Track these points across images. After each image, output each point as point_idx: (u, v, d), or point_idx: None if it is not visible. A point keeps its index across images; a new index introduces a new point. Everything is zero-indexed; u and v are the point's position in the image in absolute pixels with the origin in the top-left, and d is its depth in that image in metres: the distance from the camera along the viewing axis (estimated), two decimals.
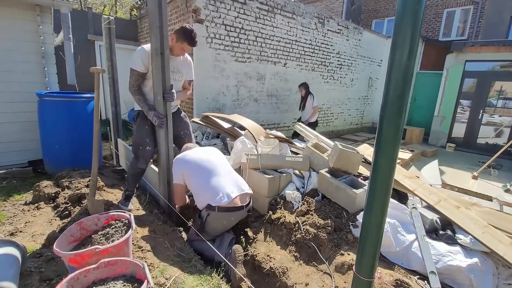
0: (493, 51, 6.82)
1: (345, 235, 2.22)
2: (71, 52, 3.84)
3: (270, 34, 5.74)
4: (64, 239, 1.67)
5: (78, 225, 1.80)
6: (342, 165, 2.69)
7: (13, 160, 3.50)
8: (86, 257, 1.53)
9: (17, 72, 3.44)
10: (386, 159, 0.92)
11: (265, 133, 3.55)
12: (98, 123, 2.19)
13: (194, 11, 4.64)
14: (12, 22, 3.35)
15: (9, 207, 2.61)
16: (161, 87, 2.27)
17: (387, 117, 0.89)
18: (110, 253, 1.56)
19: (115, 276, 1.55)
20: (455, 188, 4.06)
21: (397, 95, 0.86)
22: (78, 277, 1.43)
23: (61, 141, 3.27)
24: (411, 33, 0.81)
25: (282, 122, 6.59)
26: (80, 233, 1.80)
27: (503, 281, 1.86)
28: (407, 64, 0.83)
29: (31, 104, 3.41)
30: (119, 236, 1.75)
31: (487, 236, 1.95)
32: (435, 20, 10.85)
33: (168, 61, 2.26)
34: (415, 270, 1.98)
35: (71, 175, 3.02)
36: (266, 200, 2.63)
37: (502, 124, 6.98)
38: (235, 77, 5.44)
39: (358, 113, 9.03)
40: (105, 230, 1.80)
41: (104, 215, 1.90)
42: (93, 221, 1.86)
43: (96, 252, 1.53)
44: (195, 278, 1.82)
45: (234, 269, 1.94)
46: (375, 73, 9.08)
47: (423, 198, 2.41)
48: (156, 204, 2.77)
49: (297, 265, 2.05)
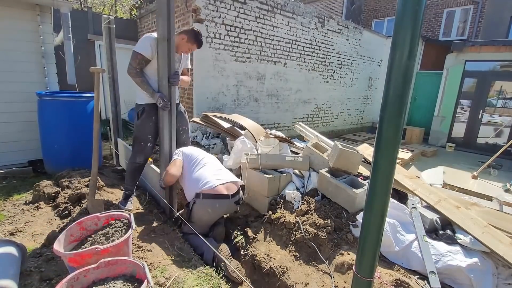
0: (493, 51, 6.82)
1: (345, 235, 2.22)
2: (71, 52, 3.84)
3: (270, 34, 5.74)
4: (64, 238, 1.67)
5: (78, 224, 1.80)
6: (342, 165, 2.69)
7: (13, 160, 3.50)
8: (86, 257, 1.53)
9: (17, 72, 3.44)
10: (386, 159, 0.92)
11: (265, 133, 3.54)
12: (98, 122, 2.19)
13: (194, 10, 4.63)
14: (12, 21, 3.35)
15: (9, 207, 2.62)
16: (166, 71, 2.30)
17: (387, 117, 0.89)
18: (110, 253, 1.56)
19: (115, 276, 1.55)
20: (455, 188, 4.06)
21: (397, 95, 0.86)
22: (78, 277, 1.43)
23: (61, 141, 3.27)
24: (411, 33, 0.81)
25: (282, 122, 6.58)
26: (80, 233, 1.80)
27: (503, 281, 1.86)
28: (407, 64, 0.83)
29: (31, 104, 3.41)
30: (119, 236, 1.75)
31: (487, 236, 1.95)
32: (435, 20, 10.84)
33: (174, 46, 2.30)
34: (415, 270, 1.98)
35: (71, 175, 3.02)
36: (266, 200, 2.63)
37: (502, 124, 6.98)
38: (235, 77, 5.43)
39: (358, 113, 9.02)
40: (105, 229, 1.80)
41: (104, 215, 1.90)
42: (93, 221, 1.86)
43: (96, 252, 1.53)
44: (195, 277, 1.82)
45: (225, 261, 1.96)
46: (375, 73, 9.08)
47: (423, 198, 2.41)
48: (156, 204, 2.77)
49: (297, 265, 2.05)
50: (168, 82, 2.34)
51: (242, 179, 2.86)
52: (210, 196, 2.17)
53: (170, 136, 2.46)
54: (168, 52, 2.26)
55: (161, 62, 2.28)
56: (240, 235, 2.43)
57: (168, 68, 2.31)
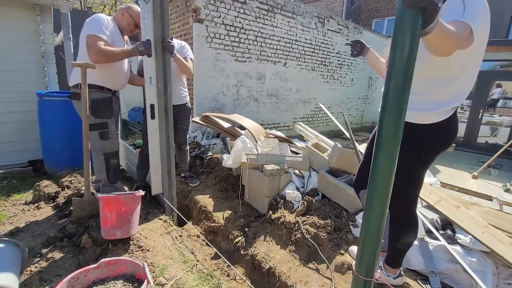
0: (493, 50, 6.80)
1: (345, 235, 2.23)
2: (71, 52, 3.84)
3: (270, 34, 5.73)
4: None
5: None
6: (342, 165, 2.69)
7: (13, 159, 3.50)
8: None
9: (17, 72, 3.44)
10: (386, 159, 0.92)
11: (265, 132, 3.55)
12: (86, 119, 2.12)
13: (194, 10, 4.63)
14: (12, 21, 3.34)
15: (9, 207, 2.62)
16: (160, 34, 2.13)
17: (387, 117, 0.89)
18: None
19: (115, 276, 1.55)
20: (455, 187, 4.06)
21: (397, 95, 0.86)
22: (78, 277, 1.44)
23: (61, 140, 3.27)
24: (411, 33, 0.81)
25: (282, 122, 6.58)
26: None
27: (503, 280, 1.86)
28: (407, 64, 0.83)
29: (31, 103, 3.41)
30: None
31: (487, 236, 1.95)
32: None
33: (167, 6, 2.17)
34: (415, 270, 1.98)
35: (71, 175, 3.02)
36: (266, 199, 2.63)
37: (502, 124, 6.97)
38: (235, 77, 5.43)
39: (358, 112, 9.02)
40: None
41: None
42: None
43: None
44: (195, 278, 1.82)
45: None
46: (375, 73, 9.07)
47: (423, 197, 2.41)
48: (156, 204, 2.77)
49: (297, 265, 2.05)
50: (163, 48, 2.19)
51: (242, 179, 2.86)
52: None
53: (166, 138, 2.41)
54: (161, 10, 2.10)
55: (155, 23, 2.12)
56: (240, 235, 2.43)
57: (162, 30, 2.12)
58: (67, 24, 3.74)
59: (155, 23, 2.15)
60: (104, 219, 1.87)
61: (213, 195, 3.10)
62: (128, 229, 1.94)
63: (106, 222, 1.87)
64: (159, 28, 2.17)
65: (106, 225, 1.87)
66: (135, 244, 2.00)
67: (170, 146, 2.44)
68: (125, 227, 1.92)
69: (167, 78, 2.29)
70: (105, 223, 1.87)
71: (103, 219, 1.88)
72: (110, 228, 1.87)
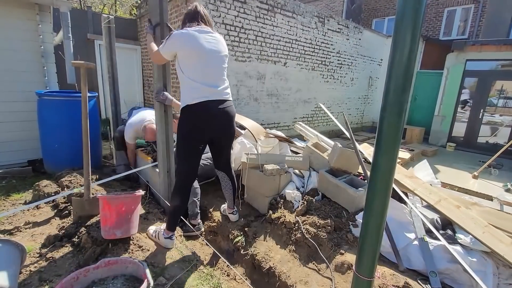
0: (494, 50, 6.80)
1: (345, 235, 2.22)
2: (71, 51, 3.83)
3: (270, 33, 5.73)
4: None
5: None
6: (342, 165, 2.69)
7: (12, 159, 3.50)
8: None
9: (17, 71, 3.43)
10: (386, 159, 0.91)
11: (265, 132, 3.54)
12: (86, 119, 2.12)
13: None
14: (11, 21, 3.34)
15: (9, 207, 2.61)
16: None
17: (387, 117, 0.88)
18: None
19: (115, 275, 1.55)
20: (455, 187, 4.06)
21: (397, 95, 0.86)
22: (78, 277, 1.43)
23: (61, 140, 3.27)
24: (412, 32, 0.80)
25: (282, 122, 6.58)
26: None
27: (504, 280, 1.85)
28: (407, 64, 0.83)
29: (30, 103, 3.40)
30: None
31: (487, 236, 1.94)
32: (435, 19, 10.83)
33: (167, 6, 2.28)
34: (415, 270, 1.98)
35: (70, 175, 3.02)
36: (266, 199, 2.63)
37: (503, 124, 6.97)
38: (235, 77, 5.43)
39: (358, 112, 9.01)
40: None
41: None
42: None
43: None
44: (195, 277, 1.82)
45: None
46: (375, 73, 9.07)
47: (423, 197, 2.41)
48: (156, 204, 2.77)
49: (297, 265, 2.05)
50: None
51: (242, 179, 2.86)
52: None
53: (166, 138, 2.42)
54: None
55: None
56: (240, 235, 2.43)
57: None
58: (67, 23, 3.73)
59: None
60: (104, 219, 1.87)
61: (213, 194, 3.09)
62: (128, 229, 1.94)
63: (106, 222, 1.87)
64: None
65: (106, 225, 1.87)
66: (135, 244, 1.99)
67: (170, 146, 2.44)
68: (125, 227, 1.92)
69: (166, 79, 2.33)
70: (105, 222, 1.87)
71: (103, 218, 1.87)
72: (110, 228, 1.86)
